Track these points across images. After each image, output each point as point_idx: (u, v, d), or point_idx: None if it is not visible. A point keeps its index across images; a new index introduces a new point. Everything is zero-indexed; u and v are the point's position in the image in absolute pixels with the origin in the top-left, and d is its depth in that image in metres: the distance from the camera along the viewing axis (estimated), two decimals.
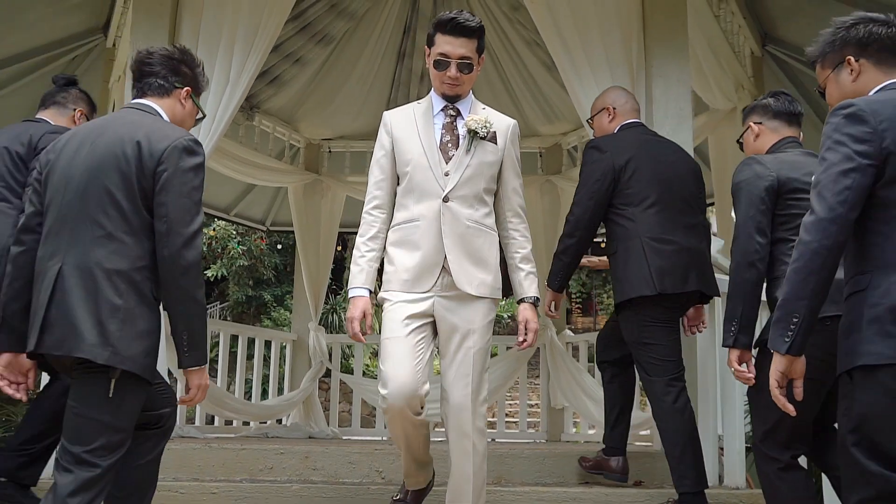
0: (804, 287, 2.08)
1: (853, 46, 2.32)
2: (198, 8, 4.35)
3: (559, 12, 4.33)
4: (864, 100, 2.15)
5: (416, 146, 3.01)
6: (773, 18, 5.94)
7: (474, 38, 3.00)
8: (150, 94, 2.72)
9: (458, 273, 2.90)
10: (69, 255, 2.41)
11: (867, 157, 2.04)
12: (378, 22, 6.90)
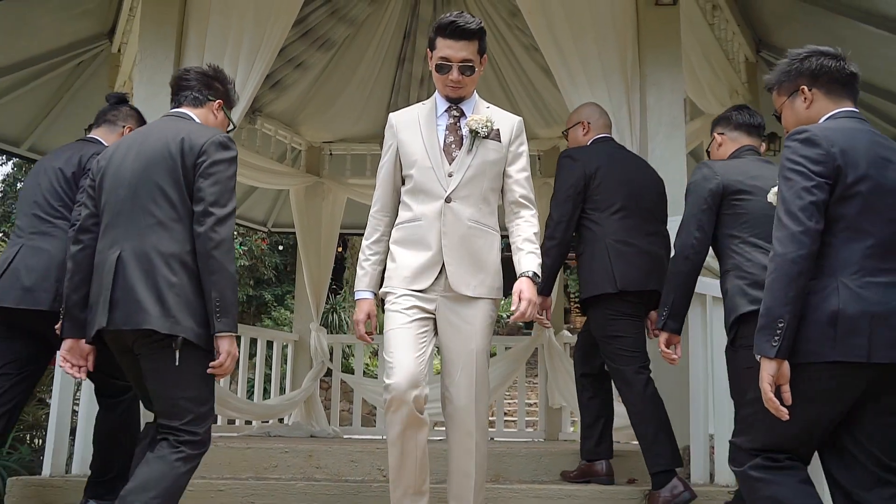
0: (786, 294, 2.25)
1: (806, 77, 2.56)
2: (204, 17, 4.46)
3: (556, 22, 4.45)
4: (816, 126, 2.41)
5: (420, 147, 3.02)
6: (767, 25, 6.06)
7: (475, 40, 2.99)
8: (186, 105, 3.08)
9: (455, 275, 2.92)
10: (126, 243, 2.73)
11: (823, 176, 2.30)
12: (378, 27, 7.02)
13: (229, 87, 3.19)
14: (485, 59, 3.06)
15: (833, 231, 2.31)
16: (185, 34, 4.47)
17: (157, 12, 4.44)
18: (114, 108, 3.68)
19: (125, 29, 5.87)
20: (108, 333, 2.73)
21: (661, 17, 4.44)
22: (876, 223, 2.30)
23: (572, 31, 4.47)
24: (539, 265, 2.96)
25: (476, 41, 2.98)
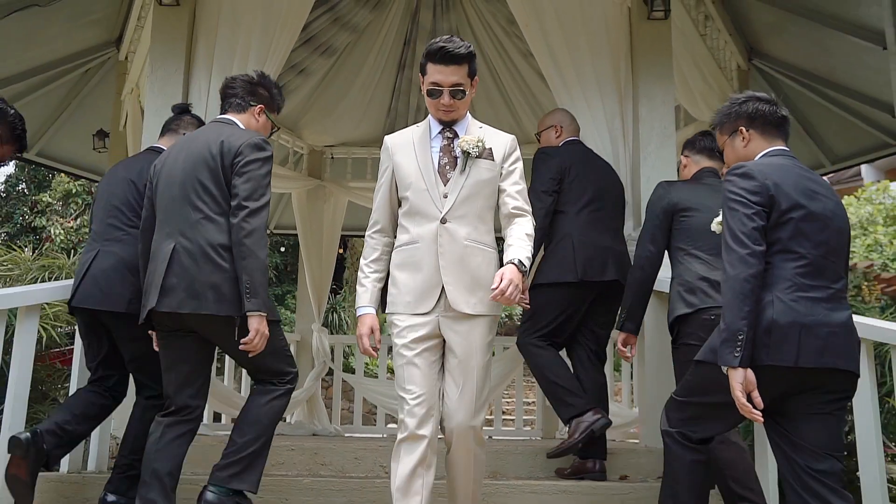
0: (741, 310, 2.56)
1: (744, 119, 2.92)
2: (212, 30, 4.64)
3: (552, 36, 4.63)
4: (752, 163, 2.79)
5: (414, 170, 3.06)
6: (758, 34, 6.25)
7: (465, 64, 3.03)
8: (231, 111, 3.44)
9: (454, 294, 2.95)
10: (179, 235, 3.12)
11: (760, 205, 2.64)
12: (379, 34, 7.20)
13: (273, 92, 3.52)
14: (475, 81, 3.11)
15: (770, 252, 2.65)
16: (193, 47, 4.64)
17: (167, 26, 4.60)
18: (176, 118, 3.93)
19: (132, 38, 6.04)
20: (161, 315, 3.08)
21: (653, 31, 4.62)
22: (806, 246, 2.64)
23: (568, 44, 4.65)
24: (528, 257, 2.97)
25: (466, 65, 3.03)
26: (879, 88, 5.63)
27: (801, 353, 2.55)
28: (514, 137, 3.19)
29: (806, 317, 2.58)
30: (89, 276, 3.51)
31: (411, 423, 2.87)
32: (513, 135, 3.20)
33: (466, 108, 3.14)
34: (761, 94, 2.98)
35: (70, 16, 5.75)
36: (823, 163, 7.38)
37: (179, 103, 4.09)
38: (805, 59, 6.18)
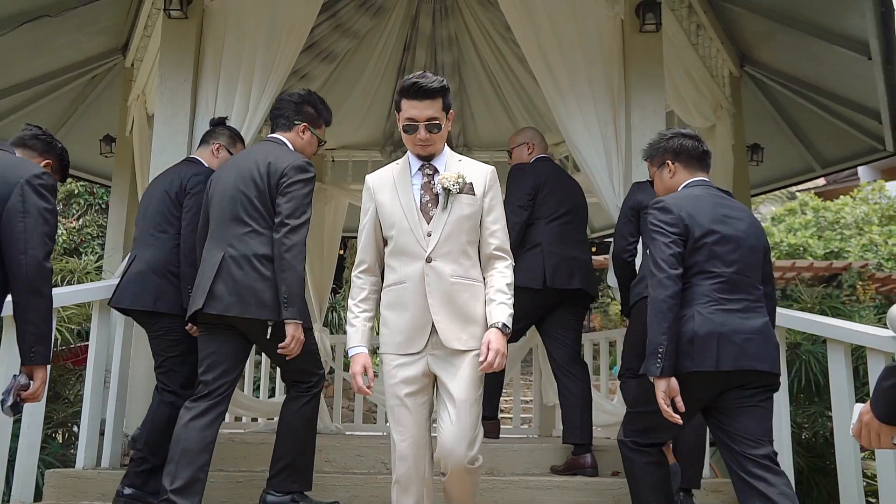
0: (660, 327, 2.96)
1: (670, 153, 3.40)
2: (219, 42, 4.81)
3: (548, 47, 4.81)
4: (669, 197, 3.22)
5: (398, 209, 3.06)
6: (749, 43, 6.43)
7: (438, 98, 3.04)
8: (278, 130, 3.77)
9: (445, 332, 2.97)
10: (228, 246, 3.49)
11: (677, 234, 3.06)
12: (379, 40, 7.38)
13: (319, 108, 3.82)
14: (451, 114, 3.15)
15: (690, 274, 3.06)
16: (201, 58, 4.80)
17: (176, 38, 4.77)
18: (212, 130, 4.23)
19: (139, 45, 6.21)
20: (207, 315, 3.47)
21: (645, 43, 4.80)
22: (720, 266, 3.04)
23: (563, 55, 4.83)
24: (509, 315, 3.01)
25: (440, 98, 3.05)
26: (867, 96, 5.81)
27: (720, 358, 2.93)
28: (493, 169, 3.19)
29: (722, 326, 2.96)
30: (125, 279, 3.89)
31: (401, 467, 2.96)
32: (491, 166, 3.20)
33: (443, 141, 3.16)
34: (687, 130, 3.49)
35: (78, 25, 5.93)
36: (814, 167, 7.59)
37: (216, 117, 4.37)
38: (795, 67, 6.36)
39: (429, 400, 3.03)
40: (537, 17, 4.86)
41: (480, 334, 2.99)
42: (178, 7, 4.67)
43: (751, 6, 5.80)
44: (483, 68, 7.76)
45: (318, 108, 3.83)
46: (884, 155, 6.80)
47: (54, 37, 5.90)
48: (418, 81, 3.02)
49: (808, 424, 5.15)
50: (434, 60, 7.76)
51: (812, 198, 16.44)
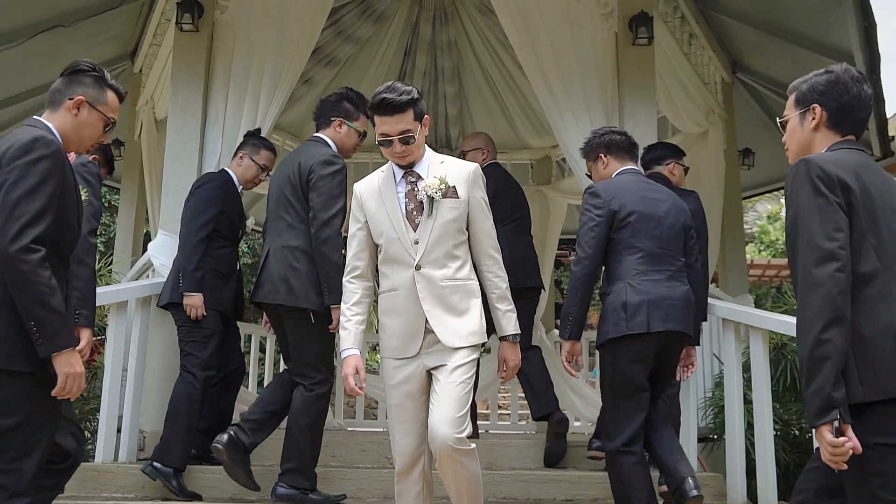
0: (573, 299, 3.63)
1: (603, 147, 3.93)
2: (228, 54, 5.04)
3: (545, 61, 5.04)
4: (600, 183, 3.77)
5: (385, 219, 3.15)
6: (741, 51, 6.66)
7: (408, 111, 3.06)
8: (320, 129, 4.16)
9: (443, 332, 3.07)
10: (272, 241, 3.98)
11: (602, 216, 3.58)
12: (381, 46, 7.62)
13: (356, 102, 4.14)
14: (426, 120, 3.15)
15: (618, 250, 3.58)
16: (211, 69, 5.03)
17: (187, 51, 5.01)
18: (243, 141, 4.66)
19: (147, 53, 6.44)
20: (259, 305, 4.01)
21: (638, 56, 5.03)
22: (644, 241, 3.55)
23: (559, 66, 5.06)
24: (516, 323, 3.19)
25: (409, 110, 3.07)
26: None
27: (650, 321, 3.43)
28: (476, 166, 3.26)
29: (650, 294, 3.46)
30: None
31: (400, 462, 3.11)
32: (475, 163, 3.30)
33: (420, 148, 3.19)
34: (616, 127, 4.24)
35: (90, 33, 6.15)
36: None
37: (251, 129, 4.75)
38: (784, 74, 6.57)
39: (427, 399, 3.11)
40: (535, 30, 5.09)
41: (478, 330, 3.11)
42: (189, 21, 4.90)
43: (740, 17, 6.04)
44: (482, 72, 7.99)
45: (354, 102, 4.15)
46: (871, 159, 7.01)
47: (67, 45, 6.11)
48: (386, 97, 3.04)
49: (794, 421, 5.37)
50: (434, 65, 8.00)
51: None
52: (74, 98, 2.68)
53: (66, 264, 2.65)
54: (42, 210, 2.42)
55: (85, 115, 2.70)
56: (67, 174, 2.55)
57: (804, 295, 2.14)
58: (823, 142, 2.39)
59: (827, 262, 2.12)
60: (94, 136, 2.78)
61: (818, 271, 2.12)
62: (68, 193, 2.56)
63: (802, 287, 2.15)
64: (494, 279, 3.20)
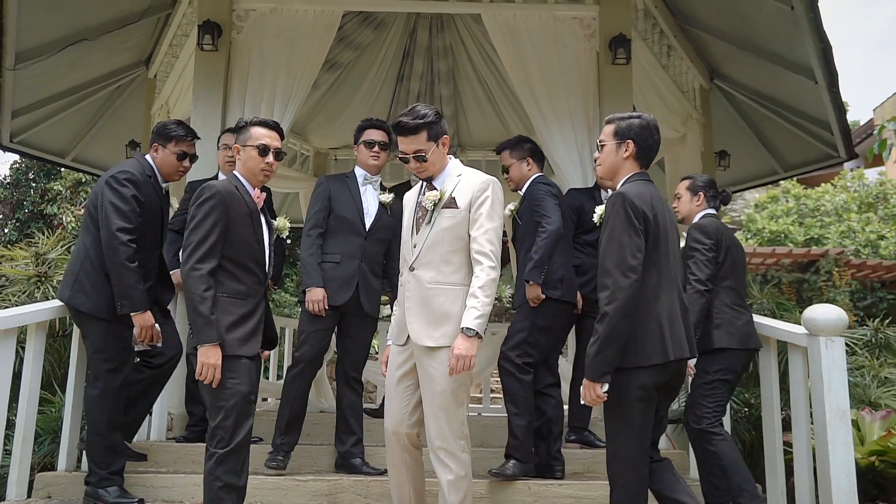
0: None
1: (528, 152, 4.70)
2: (244, 71, 5.62)
3: (533, 79, 5.63)
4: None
5: (406, 224, 3.63)
6: (717, 61, 7.25)
7: (422, 132, 3.43)
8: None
9: (417, 331, 3.44)
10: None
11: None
12: (380, 51, 8.20)
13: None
14: (444, 139, 3.49)
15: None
16: (229, 85, 5.61)
17: (207, 68, 5.58)
18: None
19: (163, 61, 7.00)
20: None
21: (617, 73, 5.62)
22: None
23: (546, 83, 5.65)
24: (476, 317, 3.32)
25: (423, 132, 3.43)
26: (820, 110, 6.63)
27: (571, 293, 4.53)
28: (486, 182, 3.49)
29: (567, 268, 4.49)
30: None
31: (386, 427, 3.60)
32: (491, 177, 3.55)
33: (437, 164, 3.51)
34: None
35: (110, 44, 6.71)
36: (777, 170, 8.46)
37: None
38: (757, 83, 7.18)
39: (415, 382, 3.51)
40: (523, 49, 5.68)
41: (453, 332, 3.36)
42: (210, 42, 5.47)
43: (714, 32, 6.63)
44: (476, 75, 8.57)
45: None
46: (838, 161, 7.65)
47: (89, 54, 6.67)
48: (400, 120, 3.44)
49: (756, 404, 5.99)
50: (430, 68, 8.58)
51: (794, 185, 17.26)
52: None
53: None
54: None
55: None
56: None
57: (613, 293, 3.00)
58: (628, 169, 3.24)
59: (631, 274, 3.01)
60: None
61: (624, 280, 3.00)
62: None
63: (613, 289, 3.00)
64: (474, 279, 3.41)
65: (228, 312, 3.34)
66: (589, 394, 3.06)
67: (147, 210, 4.11)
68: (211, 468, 3.29)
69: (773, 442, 4.32)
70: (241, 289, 3.40)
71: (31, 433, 4.28)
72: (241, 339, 3.34)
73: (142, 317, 3.97)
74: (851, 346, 5.81)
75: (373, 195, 4.70)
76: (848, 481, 3.73)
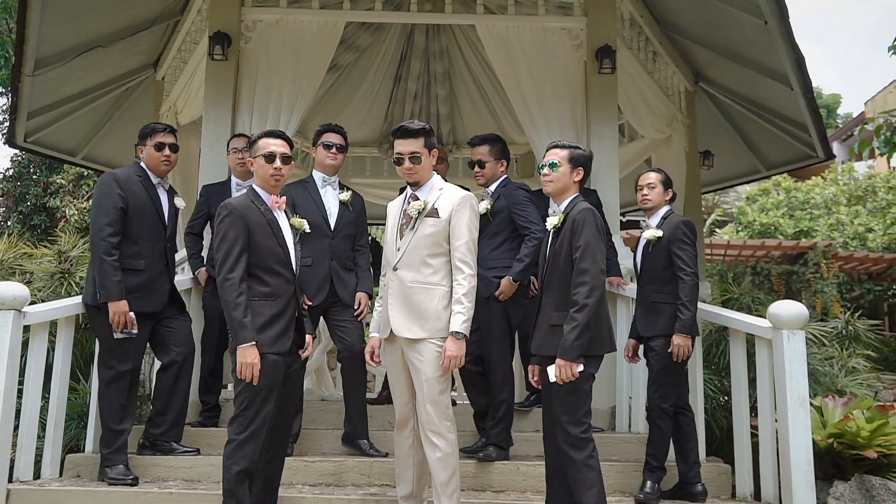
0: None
1: (505, 155, 5.12)
2: (252, 80, 6.02)
3: (525, 87, 6.05)
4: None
5: (390, 230, 4.11)
6: (701, 65, 7.68)
7: (420, 137, 3.94)
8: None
9: (397, 324, 3.93)
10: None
11: None
12: (378, 53, 8.61)
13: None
14: (434, 152, 4.01)
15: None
16: (238, 92, 6.01)
17: (218, 76, 5.97)
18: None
19: (171, 65, 7.39)
20: None
21: (603, 83, 6.03)
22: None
23: (536, 90, 6.07)
24: (463, 321, 3.84)
25: (421, 138, 3.95)
26: (797, 114, 7.06)
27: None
28: (465, 197, 3.99)
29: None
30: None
31: (396, 417, 4.09)
32: (469, 192, 4.07)
33: (427, 171, 4.01)
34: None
35: (122, 49, 7.11)
36: (760, 168, 8.91)
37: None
38: (739, 86, 7.61)
39: (406, 368, 3.97)
40: (515, 59, 6.10)
41: (432, 327, 3.88)
42: (220, 52, 5.87)
43: (695, 39, 7.06)
44: (470, 76, 8.99)
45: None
46: (816, 161, 8.09)
47: (101, 59, 7.06)
48: (403, 125, 3.99)
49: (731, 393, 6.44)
50: (427, 70, 8.99)
51: (785, 178, 17.70)
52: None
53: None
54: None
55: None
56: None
57: (592, 289, 3.68)
58: (574, 190, 4.00)
59: (602, 274, 3.76)
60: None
61: (600, 278, 3.74)
62: None
63: (592, 285, 3.69)
64: (456, 285, 3.91)
65: (259, 314, 3.77)
66: (565, 372, 3.67)
67: (136, 205, 4.65)
68: (230, 452, 3.74)
69: (741, 425, 4.77)
70: (270, 290, 3.83)
71: (62, 418, 4.73)
72: (272, 338, 3.78)
73: (115, 304, 4.44)
74: (822, 338, 6.24)
75: (333, 195, 5.08)
76: (806, 459, 4.21)
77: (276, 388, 3.80)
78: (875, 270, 16.82)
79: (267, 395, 3.76)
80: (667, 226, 4.63)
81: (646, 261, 4.69)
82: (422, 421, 3.92)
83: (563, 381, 3.68)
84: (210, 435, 5.12)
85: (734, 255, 16.55)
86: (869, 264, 16.37)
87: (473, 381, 4.96)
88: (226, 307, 3.74)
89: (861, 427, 4.56)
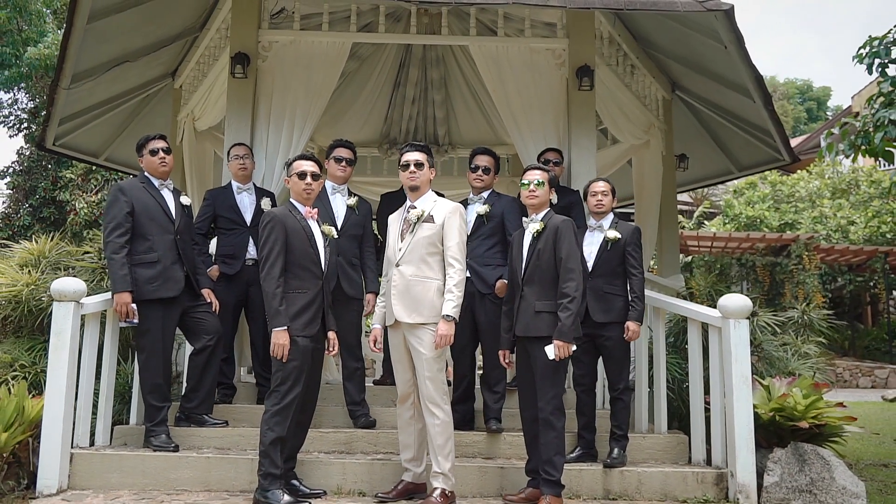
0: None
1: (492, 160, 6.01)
2: (269, 95, 6.83)
3: (513, 101, 6.88)
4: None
5: (392, 233, 5.00)
6: (677, 75, 8.52)
7: (424, 152, 4.99)
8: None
9: (400, 312, 4.78)
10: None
11: None
12: (379, 61, 9.44)
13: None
14: (432, 170, 5.01)
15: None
16: (256, 107, 6.81)
17: (238, 92, 6.76)
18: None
19: (189, 76, 8.20)
20: None
21: (582, 98, 6.85)
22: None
23: (523, 104, 6.90)
24: (453, 307, 4.73)
25: (424, 153, 4.99)
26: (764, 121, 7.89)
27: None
28: (455, 207, 4.95)
29: None
30: None
31: (398, 392, 4.96)
32: (458, 203, 5.05)
33: (426, 183, 4.98)
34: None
35: (145, 62, 7.92)
36: (732, 170, 9.78)
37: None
38: (711, 96, 8.44)
39: (407, 350, 4.82)
40: (505, 76, 6.92)
41: (428, 313, 4.75)
42: (241, 71, 6.69)
43: (669, 55, 7.90)
44: (465, 81, 9.82)
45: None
46: (783, 163, 8.95)
47: (127, 71, 7.86)
48: (412, 142, 5.11)
49: None
50: (424, 76, 9.82)
51: (771, 171, 18.53)
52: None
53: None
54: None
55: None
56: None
57: (578, 284, 4.72)
58: (548, 204, 5.05)
59: (581, 273, 4.84)
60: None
61: (580, 278, 4.82)
62: None
63: (578, 281, 4.72)
64: (448, 278, 4.83)
65: (293, 304, 4.66)
66: (564, 351, 4.70)
67: (142, 207, 5.47)
68: (266, 419, 4.62)
69: (696, 401, 5.63)
70: (302, 284, 4.74)
71: (112, 394, 5.60)
72: (303, 324, 4.67)
73: (119, 295, 5.30)
74: (779, 326, 7.09)
75: (341, 200, 6.02)
76: (748, 429, 5.11)
77: (306, 367, 4.67)
78: (856, 262, 17.71)
79: (298, 373, 4.63)
80: (625, 230, 5.53)
81: (603, 257, 5.50)
82: (422, 394, 4.76)
83: (561, 358, 4.65)
84: (236, 410, 5.99)
85: (720, 247, 17.42)
86: (850, 256, 17.26)
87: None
88: (266, 297, 4.66)
89: (798, 402, 5.42)
